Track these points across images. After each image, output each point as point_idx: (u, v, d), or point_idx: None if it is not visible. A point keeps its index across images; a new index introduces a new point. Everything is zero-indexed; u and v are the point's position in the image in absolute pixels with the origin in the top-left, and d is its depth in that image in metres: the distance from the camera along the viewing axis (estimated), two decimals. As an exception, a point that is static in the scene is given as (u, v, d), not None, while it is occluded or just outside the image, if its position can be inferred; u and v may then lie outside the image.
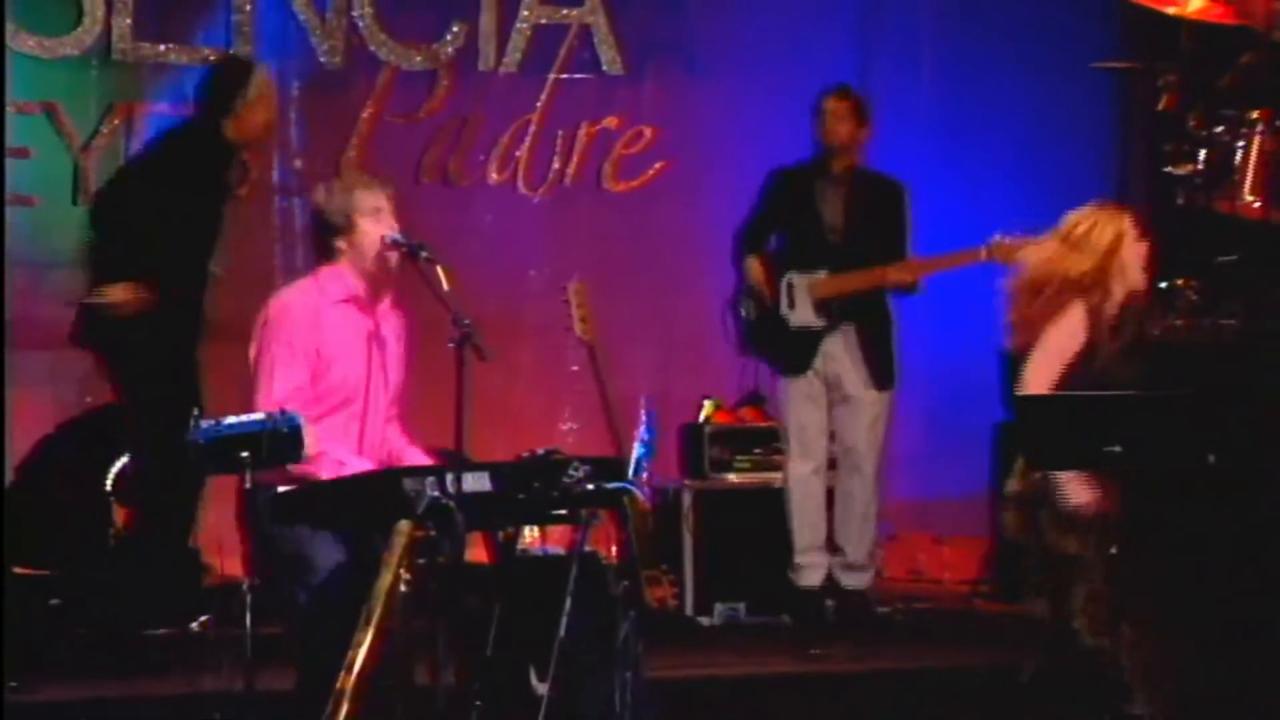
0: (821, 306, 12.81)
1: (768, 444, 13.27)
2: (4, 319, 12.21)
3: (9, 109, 12.94)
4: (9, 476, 12.48)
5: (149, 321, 11.89)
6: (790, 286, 12.87)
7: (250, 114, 12.06)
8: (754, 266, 12.92)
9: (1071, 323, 10.74)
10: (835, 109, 12.82)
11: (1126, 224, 10.85)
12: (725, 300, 13.12)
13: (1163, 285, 12.46)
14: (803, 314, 12.85)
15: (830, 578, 12.99)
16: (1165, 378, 11.07)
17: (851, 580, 12.98)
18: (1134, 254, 10.85)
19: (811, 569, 12.95)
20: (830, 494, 13.00)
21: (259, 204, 13.32)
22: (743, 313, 13.03)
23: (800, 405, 12.93)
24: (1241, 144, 12.80)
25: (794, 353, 12.92)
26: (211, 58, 13.43)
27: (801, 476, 12.92)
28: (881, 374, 12.87)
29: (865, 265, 12.74)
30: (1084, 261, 10.67)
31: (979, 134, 13.72)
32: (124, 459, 12.61)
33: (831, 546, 13.01)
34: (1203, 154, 12.93)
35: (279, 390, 9.98)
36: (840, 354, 12.87)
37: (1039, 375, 10.70)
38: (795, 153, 13.01)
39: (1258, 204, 12.77)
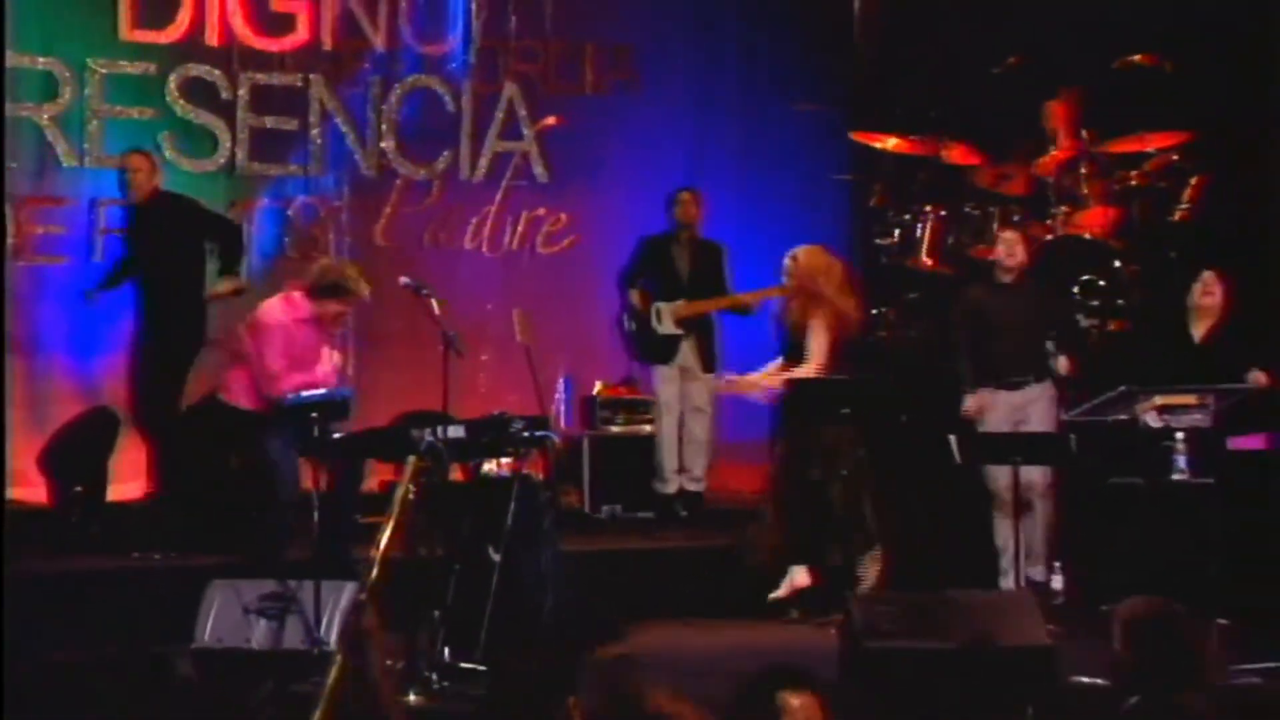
0: (680, 323, 12.82)
1: (636, 409, 13.17)
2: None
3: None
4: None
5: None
6: (659, 310, 12.81)
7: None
8: (636, 296, 12.87)
9: (817, 327, 10.93)
10: (687, 199, 12.90)
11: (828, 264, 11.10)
12: (614, 318, 13.08)
13: (873, 311, 12.56)
14: (668, 327, 12.82)
15: (681, 488, 12.96)
16: (876, 368, 11.21)
17: (693, 486, 12.97)
18: (833, 283, 11.03)
19: (669, 482, 12.92)
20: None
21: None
22: (627, 326, 12.97)
23: (666, 383, 12.91)
24: (920, 225, 12.95)
25: (663, 350, 12.87)
26: (295, 170, 13.47)
27: (665, 426, 12.91)
28: (709, 362, 12.87)
29: (703, 297, 12.75)
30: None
31: (763, 215, 13.64)
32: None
33: (681, 468, 12.99)
34: (897, 232, 13.09)
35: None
36: (687, 351, 12.88)
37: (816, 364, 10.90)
38: (652, 230, 13.12)
39: (930, 262, 12.93)
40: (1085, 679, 8.72)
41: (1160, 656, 6.00)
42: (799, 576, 11.02)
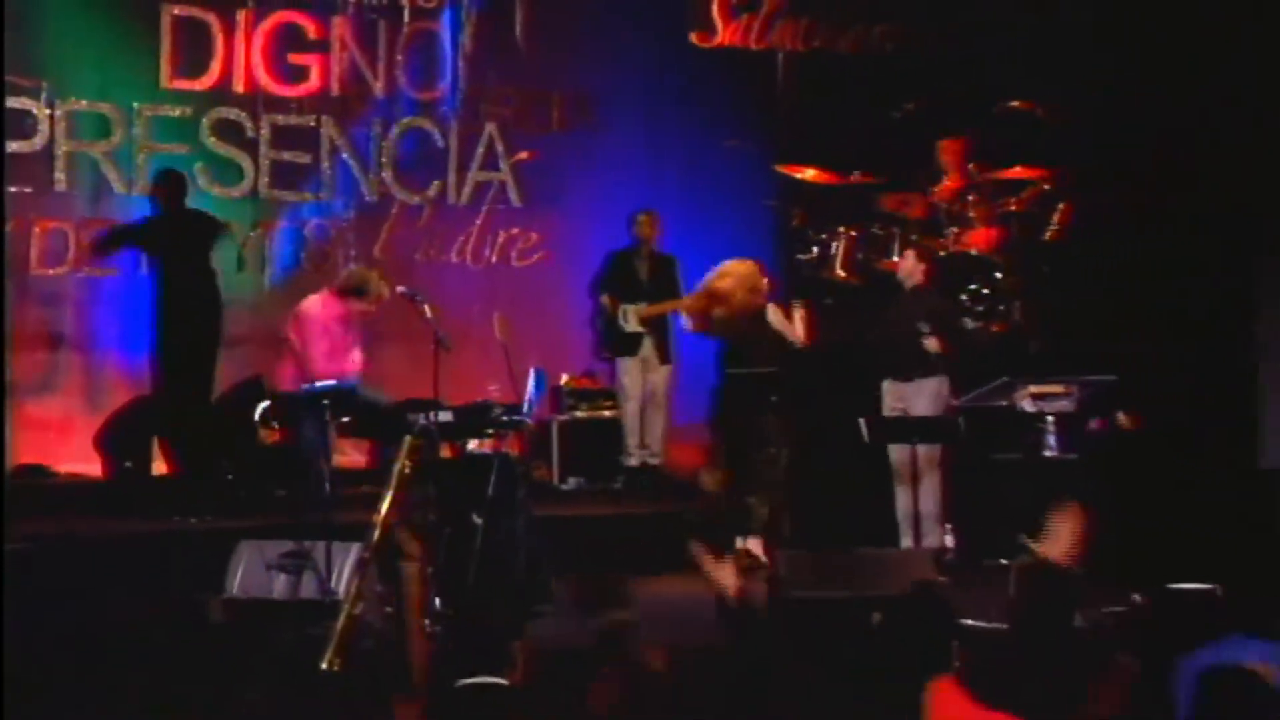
0: (643, 322, 12.87)
1: (596, 397, 13.16)
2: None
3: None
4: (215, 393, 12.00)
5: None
6: (625, 311, 12.89)
7: None
8: (607, 300, 12.96)
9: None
10: (644, 220, 12.99)
11: (746, 271, 11.06)
12: (580, 321, 13.18)
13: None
14: (633, 325, 12.90)
15: (643, 461, 13.00)
16: (796, 364, 11.22)
17: (652, 460, 13.01)
18: (746, 290, 11.01)
19: (633, 456, 12.98)
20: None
21: (330, 274, 13.12)
22: (598, 325, 13.07)
23: (630, 372, 12.98)
24: (834, 243, 12.95)
25: (629, 345, 12.95)
26: (309, 196, 13.44)
27: (629, 409, 12.97)
28: (665, 354, 12.97)
29: (660, 301, 12.76)
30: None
31: (704, 236, 13.57)
32: (265, 402, 12.31)
33: (641, 444, 13.02)
34: (815, 249, 13.08)
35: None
36: (648, 346, 12.95)
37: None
38: (606, 248, 13.15)
39: (843, 274, 12.93)
40: (970, 621, 8.74)
41: (1042, 600, 6.05)
42: (751, 545, 10.97)
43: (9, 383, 12.06)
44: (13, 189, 12.46)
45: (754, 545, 10.91)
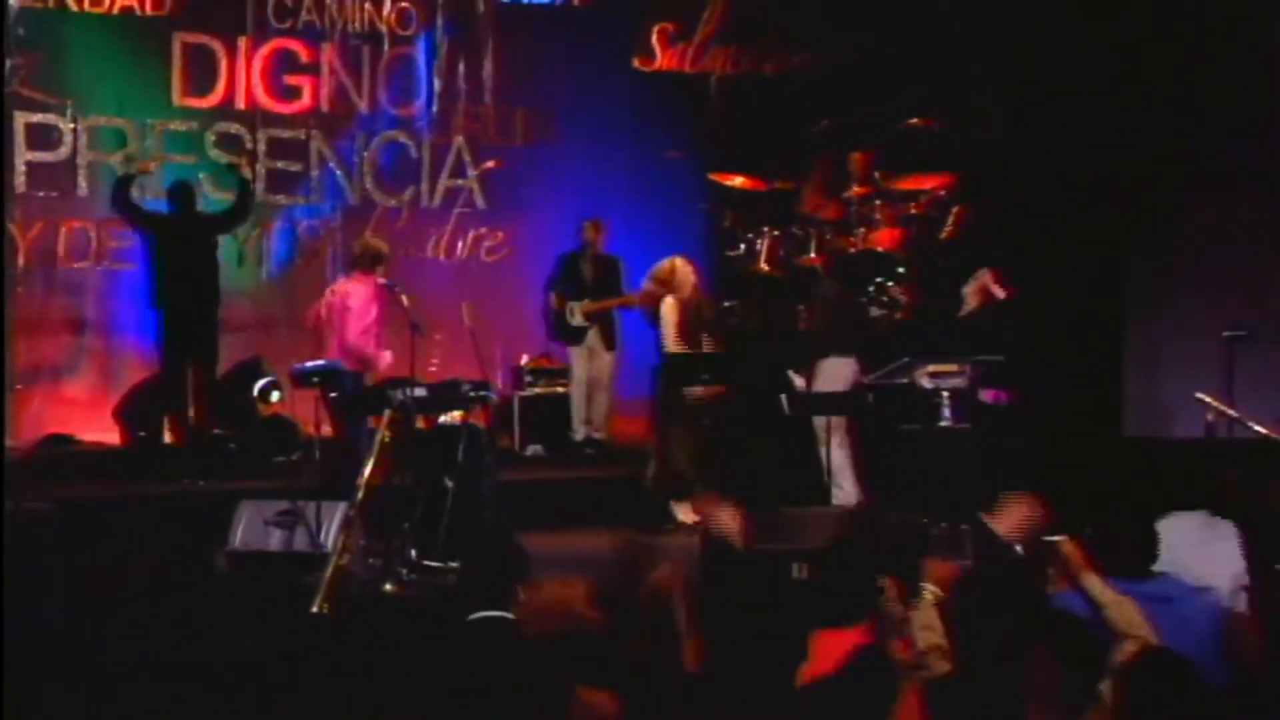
0: (587, 317, 12.87)
1: (552, 375, 13.21)
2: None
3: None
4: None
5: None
6: (571, 308, 12.89)
7: None
8: (555, 299, 12.96)
9: (665, 310, 10.99)
10: (589, 226, 12.96)
11: (680, 262, 11.11)
12: (538, 308, 13.12)
13: (725, 304, 12.60)
14: (578, 320, 12.89)
15: (588, 435, 12.97)
16: (728, 346, 11.24)
17: (597, 435, 12.97)
18: (684, 276, 11.07)
19: (578, 432, 12.95)
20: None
21: (320, 269, 13.21)
22: (550, 319, 13.03)
23: (578, 359, 12.94)
24: (760, 242, 12.96)
25: (575, 335, 12.92)
26: (300, 200, 13.40)
27: (576, 391, 12.94)
28: (609, 342, 12.93)
29: (603, 299, 12.81)
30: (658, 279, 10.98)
31: (646, 234, 13.56)
32: (263, 380, 12.31)
33: (586, 421, 13.00)
34: (743, 246, 13.09)
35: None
36: (593, 336, 12.92)
37: (669, 339, 10.93)
38: (563, 246, 13.16)
39: (767, 269, 12.95)
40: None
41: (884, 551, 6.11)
42: (684, 512, 10.99)
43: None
44: (40, 194, 12.58)
45: (684, 511, 10.97)
